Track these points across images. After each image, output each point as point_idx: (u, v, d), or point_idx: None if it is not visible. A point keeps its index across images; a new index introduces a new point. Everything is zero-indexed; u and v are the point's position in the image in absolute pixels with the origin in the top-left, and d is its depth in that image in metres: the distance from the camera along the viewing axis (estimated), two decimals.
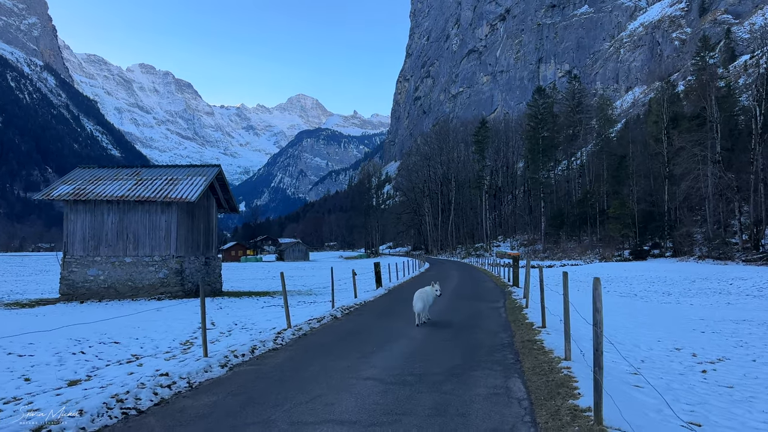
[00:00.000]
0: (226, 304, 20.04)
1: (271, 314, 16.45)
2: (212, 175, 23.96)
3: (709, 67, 65.23)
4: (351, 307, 16.04)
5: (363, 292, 21.84)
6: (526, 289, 16.05)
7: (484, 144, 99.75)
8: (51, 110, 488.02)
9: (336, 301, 17.61)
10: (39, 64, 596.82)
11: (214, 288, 25.58)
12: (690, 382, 8.07)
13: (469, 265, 58.89)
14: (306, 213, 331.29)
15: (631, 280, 35.11)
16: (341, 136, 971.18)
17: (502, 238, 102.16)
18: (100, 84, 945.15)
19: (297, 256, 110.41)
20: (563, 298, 7.81)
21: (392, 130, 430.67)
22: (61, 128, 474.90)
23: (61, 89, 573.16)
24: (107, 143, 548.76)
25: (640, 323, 13.95)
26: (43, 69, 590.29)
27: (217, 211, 26.73)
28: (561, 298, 17.24)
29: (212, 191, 25.87)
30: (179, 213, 22.54)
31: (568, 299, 7.81)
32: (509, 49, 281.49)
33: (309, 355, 8.90)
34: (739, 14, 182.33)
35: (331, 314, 13.81)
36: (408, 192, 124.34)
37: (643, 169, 70.67)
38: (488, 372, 7.32)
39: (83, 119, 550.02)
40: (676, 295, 24.86)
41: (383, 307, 16.45)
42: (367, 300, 18.22)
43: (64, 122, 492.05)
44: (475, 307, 15.95)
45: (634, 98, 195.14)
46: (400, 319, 13.40)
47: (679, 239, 60.62)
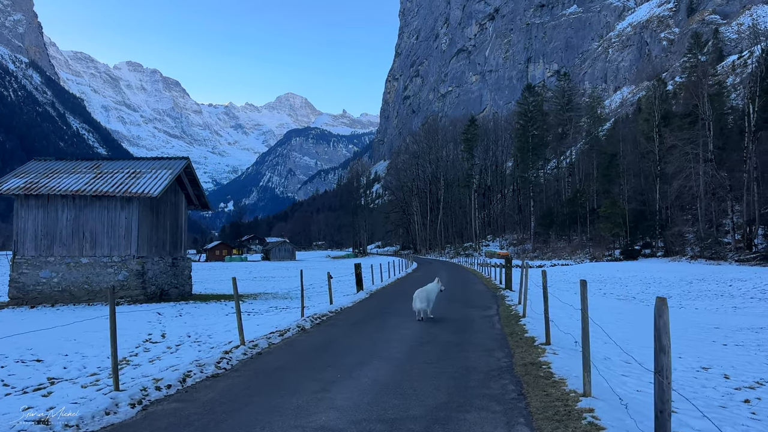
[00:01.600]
0: (189, 310, 18.05)
1: (235, 323, 14.64)
2: (179, 168, 21.90)
3: (702, 64, 64.11)
4: (323, 315, 14.23)
5: (342, 296, 19.99)
6: (524, 296, 14.13)
7: (473, 142, 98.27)
8: (36, 108, 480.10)
9: (310, 308, 15.73)
10: (24, 61, 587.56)
11: (182, 291, 23.54)
12: (738, 419, 6.33)
13: (458, 266, 57.22)
14: (294, 212, 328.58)
15: (625, 281, 33.59)
16: (330, 135, 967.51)
17: (491, 238, 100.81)
18: (86, 82, 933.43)
19: (283, 256, 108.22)
20: (581, 314, 6.00)
21: (381, 130, 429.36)
22: (47, 126, 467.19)
23: (47, 87, 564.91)
24: (93, 141, 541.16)
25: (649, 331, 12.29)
26: (29, 66, 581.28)
27: (188, 208, 24.69)
28: (558, 302, 15.52)
29: (181, 186, 23.85)
30: (141, 209, 20.52)
31: (587, 314, 6.01)
32: (498, 49, 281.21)
33: (254, 387, 7.00)
34: (727, 14, 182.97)
35: (299, 325, 11.93)
36: (396, 191, 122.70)
37: (634, 168, 69.71)
38: (484, 415, 5.47)
39: (69, 117, 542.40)
40: (676, 297, 23.30)
41: (361, 314, 14.66)
42: (344, 306, 16.42)
43: (50, 120, 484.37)
44: (465, 315, 14.14)
45: (623, 98, 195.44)
46: (379, 329, 11.60)
47: (671, 239, 59.47)
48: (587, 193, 76.73)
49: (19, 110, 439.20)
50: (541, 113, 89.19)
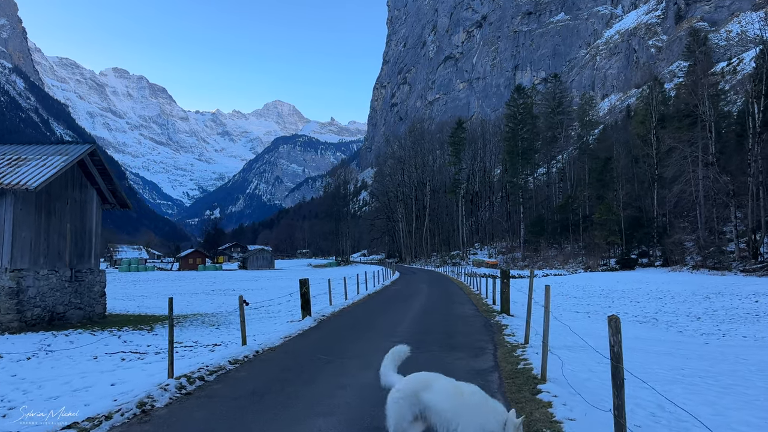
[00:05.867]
0: (59, 344, 13.09)
1: (105, 368, 9.91)
2: (76, 154, 17.06)
3: (701, 62, 60.42)
4: (216, 370, 8.86)
5: (281, 324, 15.29)
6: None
7: (460, 146, 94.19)
8: (19, 113, 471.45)
9: (203, 352, 10.94)
10: (8, 66, 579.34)
11: (88, 313, 18.61)
12: None
13: (443, 276, 52.62)
14: (280, 220, 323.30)
15: (633, 296, 29.23)
16: (318, 143, 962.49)
17: (479, 246, 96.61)
18: (72, 88, 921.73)
19: (261, 264, 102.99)
20: None
21: (369, 137, 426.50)
22: (30, 132, 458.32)
23: (31, 92, 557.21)
24: None
25: (724, 387, 7.69)
26: (12, 71, 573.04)
27: (101, 207, 19.86)
28: (570, 332, 10.98)
29: (91, 180, 19.04)
30: (19, 207, 15.68)
31: None
32: (486, 56, 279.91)
33: None
34: (715, 22, 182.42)
35: (142, 402, 6.89)
36: (381, 196, 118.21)
37: (627, 174, 66.23)
38: None
39: (53, 123, 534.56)
40: (706, 320, 18.88)
41: (276, 369, 9.20)
42: (264, 348, 11.00)
43: (33, 126, 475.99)
44: (443, 371, 9.08)
45: (611, 105, 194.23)
46: (283, 409, 6.83)
47: (670, 247, 55.51)
48: (579, 199, 73.11)
49: (1, 116, 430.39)
50: (530, 116, 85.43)
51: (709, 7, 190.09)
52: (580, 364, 8.58)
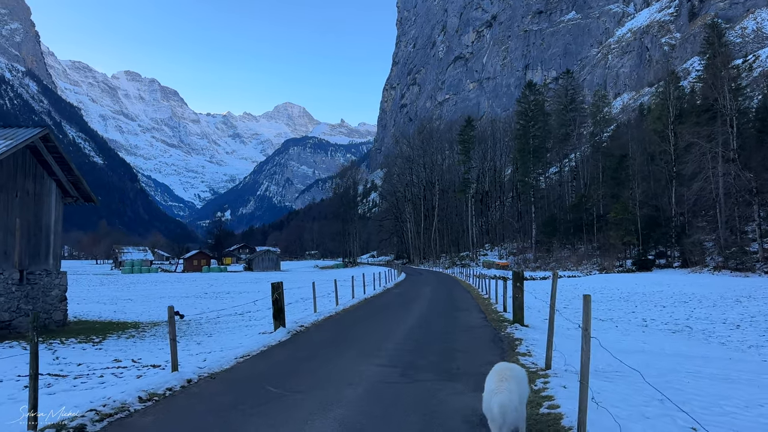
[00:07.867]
0: None
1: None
2: (22, 138, 15.01)
3: (721, 54, 57.60)
4: (106, 417, 6.36)
5: (251, 336, 13.12)
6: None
7: (470, 144, 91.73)
8: (32, 116, 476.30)
9: (119, 382, 8.68)
10: (21, 70, 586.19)
11: (43, 320, 16.59)
12: None
13: (451, 278, 50.24)
14: (290, 221, 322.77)
15: (656, 299, 26.78)
16: (328, 145, 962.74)
17: (489, 247, 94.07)
18: (84, 91, 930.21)
19: (266, 266, 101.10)
20: None
21: (379, 138, 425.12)
22: None
23: (43, 95, 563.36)
24: (90, 150, 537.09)
25: None
26: (25, 75, 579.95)
27: (62, 201, 17.84)
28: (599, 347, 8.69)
29: (48, 171, 17.02)
30: None
31: None
32: (496, 56, 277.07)
33: None
34: (730, 18, 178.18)
35: None
36: (389, 196, 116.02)
37: (643, 171, 63.45)
38: None
39: (65, 126, 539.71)
40: (746, 327, 16.45)
41: (207, 410, 6.73)
42: (207, 374, 8.61)
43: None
44: (434, 419, 6.18)
45: (623, 104, 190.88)
46: None
47: (689, 248, 52.66)
48: (593, 197, 70.42)
49: (14, 119, 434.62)
50: (542, 113, 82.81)
51: (723, 4, 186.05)
52: (625, 404, 6.13)
